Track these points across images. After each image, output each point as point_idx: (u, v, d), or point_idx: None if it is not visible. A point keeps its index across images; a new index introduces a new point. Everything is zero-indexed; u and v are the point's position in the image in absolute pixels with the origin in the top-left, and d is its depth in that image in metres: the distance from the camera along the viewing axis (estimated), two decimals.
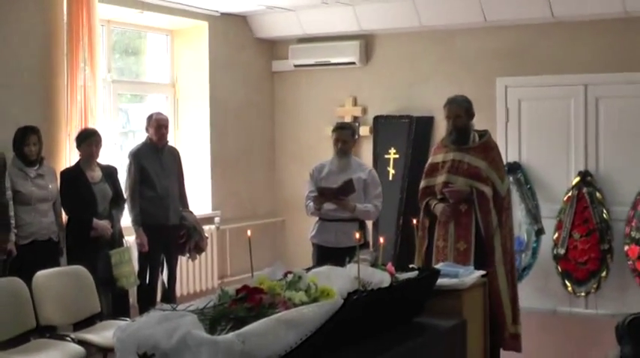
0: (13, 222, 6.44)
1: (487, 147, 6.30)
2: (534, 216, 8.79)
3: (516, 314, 6.34)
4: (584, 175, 8.62)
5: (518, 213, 8.84)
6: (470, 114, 6.31)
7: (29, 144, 6.66)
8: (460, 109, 6.28)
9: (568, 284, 8.63)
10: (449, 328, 4.57)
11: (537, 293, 8.83)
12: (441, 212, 6.20)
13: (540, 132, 8.95)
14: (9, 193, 6.43)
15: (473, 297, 5.16)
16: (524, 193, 8.87)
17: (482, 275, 5.38)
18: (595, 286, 8.53)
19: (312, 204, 6.71)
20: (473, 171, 6.17)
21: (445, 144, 6.41)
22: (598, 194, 8.54)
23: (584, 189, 8.56)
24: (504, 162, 8.76)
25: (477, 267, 5.50)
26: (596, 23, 8.55)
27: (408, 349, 4.09)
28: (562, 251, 8.62)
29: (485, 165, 6.18)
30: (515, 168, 8.92)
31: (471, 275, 5.20)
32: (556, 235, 8.69)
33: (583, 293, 8.60)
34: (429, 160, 6.51)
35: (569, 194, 8.64)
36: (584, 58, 8.68)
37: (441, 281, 4.84)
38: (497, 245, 6.14)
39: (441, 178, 6.27)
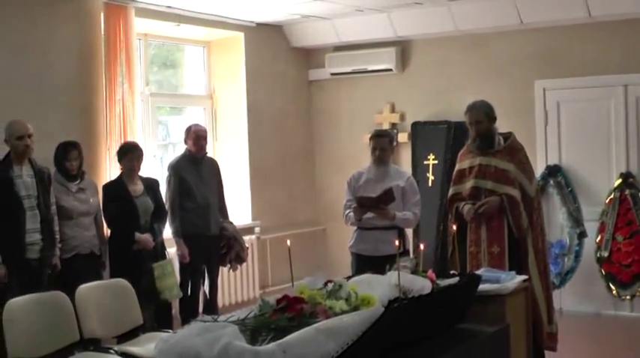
0: (57, 236, 6.52)
1: (513, 149, 6.28)
2: (576, 219, 8.72)
3: (551, 313, 6.30)
4: (626, 177, 8.53)
5: (560, 216, 8.80)
6: (491, 118, 6.29)
7: (70, 159, 6.73)
8: (480, 114, 6.26)
9: (612, 287, 8.54)
10: (492, 333, 4.52)
11: (581, 297, 8.77)
12: (467, 212, 6.19)
13: (580, 135, 8.87)
14: (54, 208, 6.51)
15: (515, 302, 5.12)
16: (565, 196, 8.80)
17: (524, 280, 5.34)
18: None
19: (351, 214, 6.67)
20: (500, 175, 6.16)
21: (470, 149, 6.40)
22: None
23: (627, 191, 8.47)
24: (544, 166, 8.77)
25: (510, 270, 5.49)
26: (634, 22, 8.46)
27: (451, 356, 4.06)
28: (605, 254, 8.54)
29: (513, 167, 6.17)
30: (555, 171, 8.86)
31: (513, 280, 5.17)
32: (599, 238, 8.61)
33: (628, 297, 8.51)
34: (456, 167, 6.50)
35: (612, 196, 8.55)
36: (622, 58, 8.60)
37: (483, 286, 4.81)
38: (529, 246, 6.11)
39: (469, 184, 6.26)
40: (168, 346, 3.36)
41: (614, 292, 8.54)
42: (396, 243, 4.74)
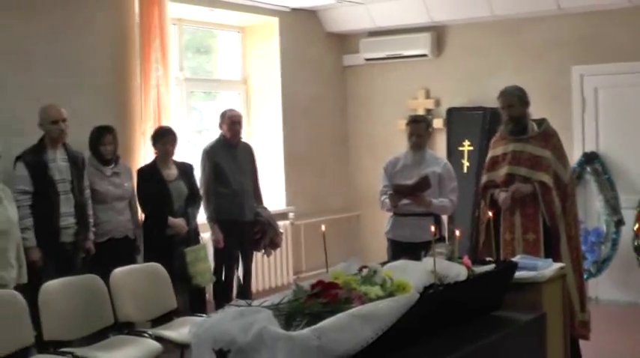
0: (91, 220, 6.55)
1: (547, 135, 6.22)
2: (613, 206, 8.61)
3: (584, 301, 6.23)
4: None
5: (597, 203, 8.71)
6: (524, 102, 6.23)
7: (105, 143, 6.75)
8: (512, 98, 6.21)
9: None
10: (528, 321, 4.48)
11: (618, 286, 8.67)
12: (502, 200, 6.13)
13: (618, 121, 8.76)
14: (87, 192, 6.55)
15: (552, 290, 5.07)
16: (602, 183, 8.70)
17: (561, 268, 5.29)
18: None
19: (387, 200, 6.65)
20: (535, 161, 6.11)
21: (503, 136, 6.34)
22: None
23: None
24: (581, 152, 8.69)
25: (545, 257, 5.44)
26: None
27: (487, 343, 4.02)
28: None
29: (548, 153, 6.11)
30: (592, 158, 8.76)
31: (550, 267, 5.11)
32: (637, 226, 8.49)
33: None
34: (489, 154, 6.44)
35: None
36: None
37: (519, 274, 4.76)
38: (562, 233, 6.05)
39: (503, 171, 6.20)
40: (202, 330, 3.36)
41: None
42: (432, 229, 4.70)
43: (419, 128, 6.78)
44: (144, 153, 7.64)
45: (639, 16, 8.54)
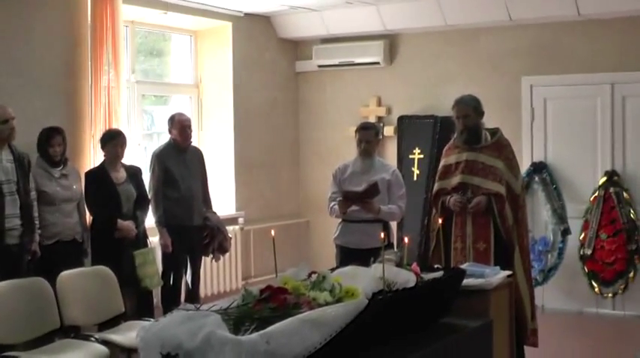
0: (37, 222, 6.46)
1: (500, 145, 6.26)
2: (560, 216, 8.72)
3: (534, 310, 6.30)
4: (611, 175, 8.54)
5: (544, 213, 8.80)
6: (479, 112, 6.26)
7: (54, 144, 6.68)
8: (468, 108, 6.24)
9: (595, 284, 8.56)
10: (475, 328, 4.52)
11: (563, 294, 8.78)
12: (453, 202, 6.16)
13: (566, 132, 8.87)
14: (33, 193, 6.45)
15: (499, 297, 5.11)
16: (550, 193, 8.80)
17: (509, 276, 5.34)
18: (622, 287, 8.46)
19: (336, 207, 6.65)
20: (488, 171, 6.14)
21: (457, 144, 6.37)
22: (625, 194, 8.47)
23: (611, 189, 8.48)
24: (530, 162, 8.78)
25: (495, 266, 5.50)
26: (623, 21, 8.47)
27: (434, 349, 4.05)
28: (589, 251, 8.55)
29: (500, 163, 6.15)
30: (540, 167, 8.86)
31: (497, 275, 5.16)
32: (582, 235, 8.62)
33: (610, 294, 8.52)
34: (442, 162, 6.46)
35: (596, 194, 8.56)
36: (610, 57, 8.60)
37: (467, 281, 4.80)
38: (515, 243, 6.10)
39: (455, 179, 6.23)
40: (150, 334, 3.34)
41: (596, 290, 8.56)
42: (382, 235, 4.71)
43: (368, 135, 6.79)
44: (93, 156, 7.57)
45: (589, 29, 8.67)
